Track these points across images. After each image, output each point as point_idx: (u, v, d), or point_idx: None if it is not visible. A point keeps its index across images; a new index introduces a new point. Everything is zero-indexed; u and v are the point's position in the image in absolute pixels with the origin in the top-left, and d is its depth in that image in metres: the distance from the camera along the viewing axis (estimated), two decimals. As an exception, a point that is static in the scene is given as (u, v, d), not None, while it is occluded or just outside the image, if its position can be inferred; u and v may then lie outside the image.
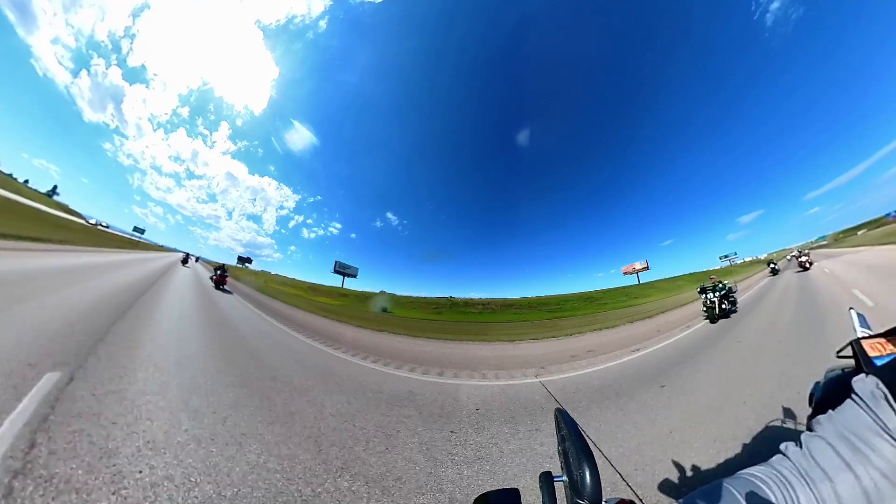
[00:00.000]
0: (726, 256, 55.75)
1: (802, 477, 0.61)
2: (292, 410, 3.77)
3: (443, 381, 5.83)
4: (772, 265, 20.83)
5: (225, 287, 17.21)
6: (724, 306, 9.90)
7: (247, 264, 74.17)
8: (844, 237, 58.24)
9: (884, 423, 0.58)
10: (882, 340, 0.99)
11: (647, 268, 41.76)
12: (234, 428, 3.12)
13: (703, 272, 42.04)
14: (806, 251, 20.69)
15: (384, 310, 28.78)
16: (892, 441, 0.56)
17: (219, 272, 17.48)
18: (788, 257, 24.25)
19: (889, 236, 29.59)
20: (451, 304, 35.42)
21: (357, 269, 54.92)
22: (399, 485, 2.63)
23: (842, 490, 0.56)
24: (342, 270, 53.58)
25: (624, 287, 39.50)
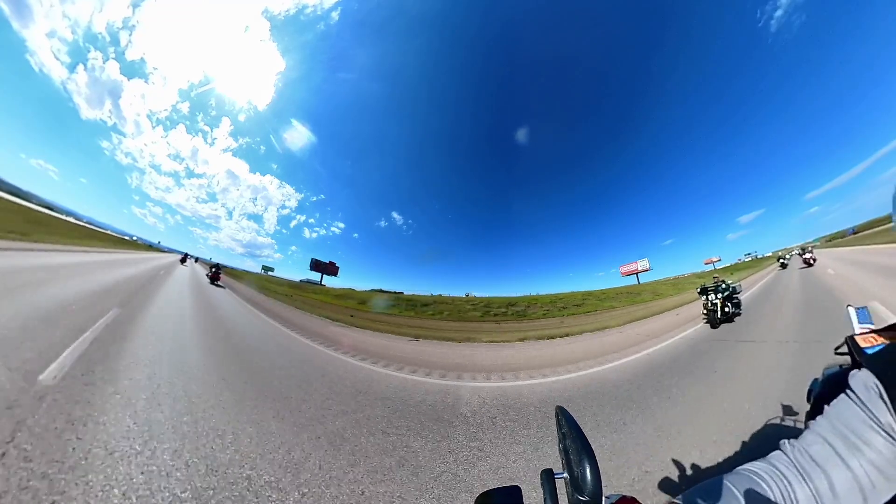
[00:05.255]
0: (748, 254, 61.03)
1: (799, 472, 0.62)
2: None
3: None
4: (781, 260, 23.74)
5: (219, 283, 19.55)
6: (727, 309, 8.75)
7: (325, 275, 47.22)
8: (833, 239, 64.48)
9: (876, 416, 0.59)
10: (874, 334, 1.06)
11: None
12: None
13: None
14: (810, 248, 22.18)
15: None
16: (885, 434, 0.57)
17: (213, 270, 20.11)
18: (788, 255, 25.90)
19: (862, 240, 41.18)
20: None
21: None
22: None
23: (837, 484, 0.57)
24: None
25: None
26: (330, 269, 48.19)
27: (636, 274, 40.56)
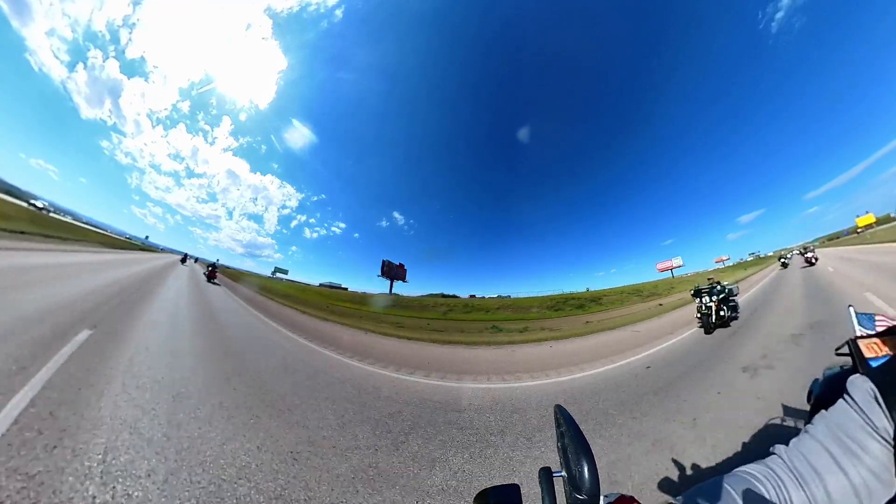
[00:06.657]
0: (752, 253, 62.15)
1: (795, 476, 0.62)
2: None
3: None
4: (782, 260, 24.00)
5: (215, 281, 20.91)
6: (722, 313, 8.13)
7: (395, 281, 36.95)
8: (831, 238, 65.66)
9: (873, 423, 0.59)
10: (878, 341, 0.99)
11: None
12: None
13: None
14: (811, 248, 21.94)
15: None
16: (882, 440, 0.57)
17: (210, 269, 21.50)
18: (789, 255, 25.71)
19: (855, 240, 42.07)
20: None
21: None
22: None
23: (833, 489, 0.57)
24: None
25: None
26: (399, 272, 37.39)
27: (671, 270, 43.68)
